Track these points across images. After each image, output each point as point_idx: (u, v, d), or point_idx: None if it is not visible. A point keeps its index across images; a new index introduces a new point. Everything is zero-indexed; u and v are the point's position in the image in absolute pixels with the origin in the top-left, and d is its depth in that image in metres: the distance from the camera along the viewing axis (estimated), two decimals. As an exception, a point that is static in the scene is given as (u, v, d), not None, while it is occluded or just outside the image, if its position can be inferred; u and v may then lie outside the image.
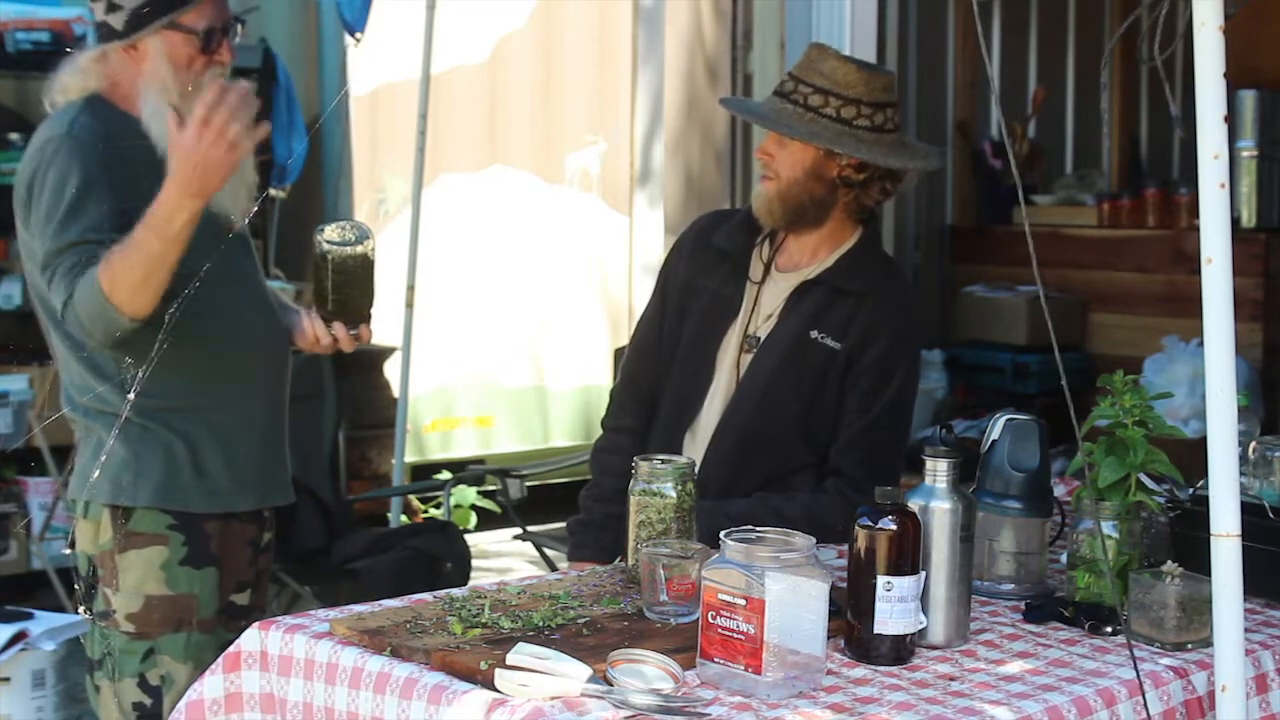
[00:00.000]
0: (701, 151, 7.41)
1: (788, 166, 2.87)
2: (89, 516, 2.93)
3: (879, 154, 2.82)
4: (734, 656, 1.98)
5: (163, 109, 2.87)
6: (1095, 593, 2.38)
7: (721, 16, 7.36)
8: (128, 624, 2.90)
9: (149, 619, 2.90)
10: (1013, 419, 2.55)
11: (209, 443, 2.94)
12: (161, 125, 2.86)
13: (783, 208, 2.89)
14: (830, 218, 2.92)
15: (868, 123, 2.83)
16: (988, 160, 7.01)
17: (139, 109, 2.94)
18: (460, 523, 6.37)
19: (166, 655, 2.91)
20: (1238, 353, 2.02)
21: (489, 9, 7.01)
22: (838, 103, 2.82)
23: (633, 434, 3.05)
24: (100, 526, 2.92)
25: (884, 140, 2.84)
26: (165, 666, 2.90)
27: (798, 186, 2.87)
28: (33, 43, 5.69)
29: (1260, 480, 2.57)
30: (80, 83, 2.96)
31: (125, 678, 2.92)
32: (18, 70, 5.93)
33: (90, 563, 2.95)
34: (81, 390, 2.93)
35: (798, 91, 2.85)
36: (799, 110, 2.84)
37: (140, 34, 2.91)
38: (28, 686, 4.12)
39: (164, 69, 2.92)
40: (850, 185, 2.88)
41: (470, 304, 7.02)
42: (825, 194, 2.88)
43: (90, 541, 2.94)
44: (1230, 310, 1.94)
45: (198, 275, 2.72)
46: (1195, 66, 1.92)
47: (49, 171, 2.83)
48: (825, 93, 2.83)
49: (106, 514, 2.91)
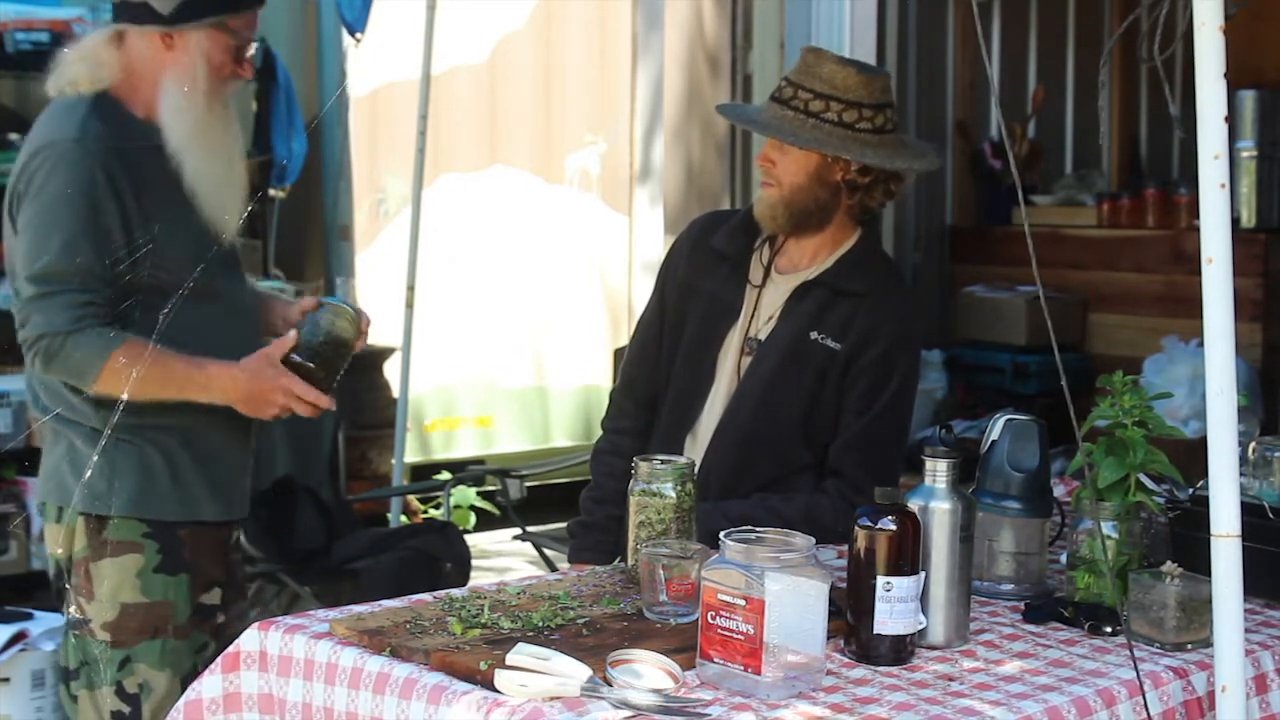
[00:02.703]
0: (702, 147, 7.40)
1: (790, 173, 2.86)
2: (60, 521, 2.90)
3: (883, 157, 2.82)
4: (733, 657, 1.98)
5: (186, 108, 2.83)
6: (1095, 593, 2.38)
7: (722, 13, 7.36)
8: (103, 633, 2.87)
9: (125, 627, 2.87)
10: (1012, 419, 2.54)
11: (183, 453, 2.91)
12: (182, 123, 2.83)
13: (787, 213, 2.88)
14: (833, 221, 2.91)
15: (870, 125, 2.82)
16: (988, 160, 7.01)
17: (154, 106, 2.86)
18: (460, 523, 6.37)
19: (143, 663, 2.88)
20: (1238, 353, 2.02)
21: (489, 9, 7.01)
22: (839, 107, 2.81)
23: (633, 435, 3.05)
24: (74, 532, 2.89)
25: (886, 142, 2.84)
26: (142, 674, 2.87)
27: (802, 192, 2.86)
28: (33, 43, 5.69)
29: (1260, 480, 2.57)
30: (91, 73, 2.85)
31: (103, 686, 2.87)
32: (18, 70, 5.92)
33: (59, 567, 2.92)
34: (52, 398, 2.89)
35: (797, 97, 2.84)
36: (800, 116, 2.83)
37: (189, 25, 2.82)
38: (27, 686, 4.12)
39: (200, 67, 2.84)
40: (855, 189, 2.87)
41: (470, 304, 7.02)
42: (829, 198, 2.88)
43: (62, 546, 2.90)
44: (1230, 310, 1.94)
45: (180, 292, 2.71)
46: (1195, 66, 1.92)
47: (52, 179, 2.76)
48: (826, 97, 2.82)
49: (81, 521, 2.87)
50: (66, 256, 2.73)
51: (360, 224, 6.73)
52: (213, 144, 2.89)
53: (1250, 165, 6.05)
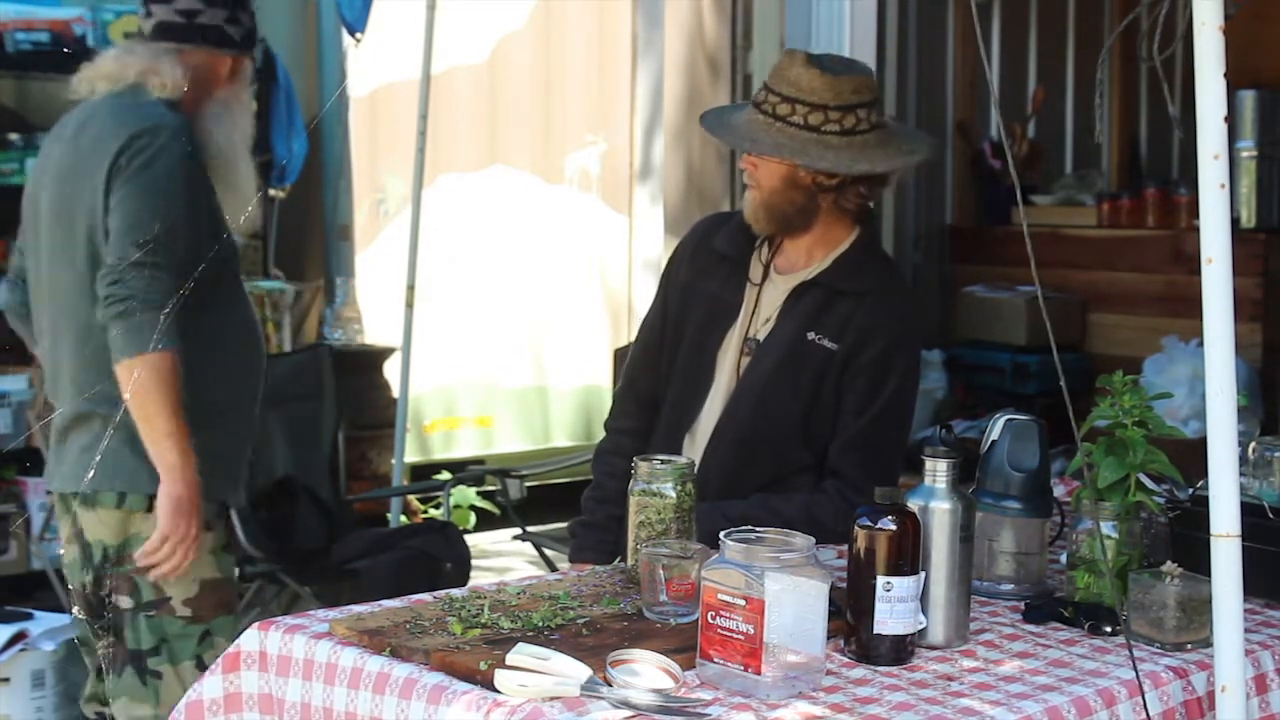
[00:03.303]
0: (702, 147, 7.40)
1: (765, 177, 2.87)
2: (122, 506, 3.01)
3: (845, 160, 2.79)
4: (733, 656, 1.98)
5: (228, 120, 3.16)
6: (1095, 593, 2.38)
7: (722, 13, 7.36)
8: (184, 609, 3.06)
9: (205, 602, 3.07)
10: (1012, 419, 2.54)
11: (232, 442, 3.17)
12: (224, 131, 3.15)
13: (767, 216, 2.90)
14: (818, 221, 2.91)
15: (837, 128, 2.81)
16: (987, 160, 7.01)
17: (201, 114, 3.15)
18: (460, 523, 6.37)
19: (220, 637, 3.08)
20: (1238, 353, 2.01)
21: (489, 9, 7.01)
22: (804, 110, 2.80)
23: (635, 435, 3.05)
24: (127, 517, 3.01)
25: (854, 144, 2.82)
26: (219, 648, 3.01)
27: (778, 196, 2.87)
28: (33, 43, 5.69)
29: (1260, 480, 2.57)
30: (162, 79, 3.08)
31: (185, 660, 3.06)
32: (18, 70, 5.92)
33: (106, 554, 3.03)
34: (84, 383, 3.02)
35: (767, 101, 2.84)
36: (768, 120, 2.83)
37: (252, 51, 3.21)
38: (27, 686, 4.12)
39: (244, 89, 3.21)
40: (826, 190, 2.87)
41: (470, 304, 7.02)
42: (805, 201, 2.88)
43: (110, 531, 3.02)
44: (1230, 310, 1.93)
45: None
46: (1195, 66, 1.92)
47: (157, 163, 2.96)
48: (792, 101, 2.81)
49: (131, 501, 2.99)
50: (169, 235, 2.95)
51: (360, 224, 6.73)
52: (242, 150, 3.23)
53: (1250, 165, 6.05)
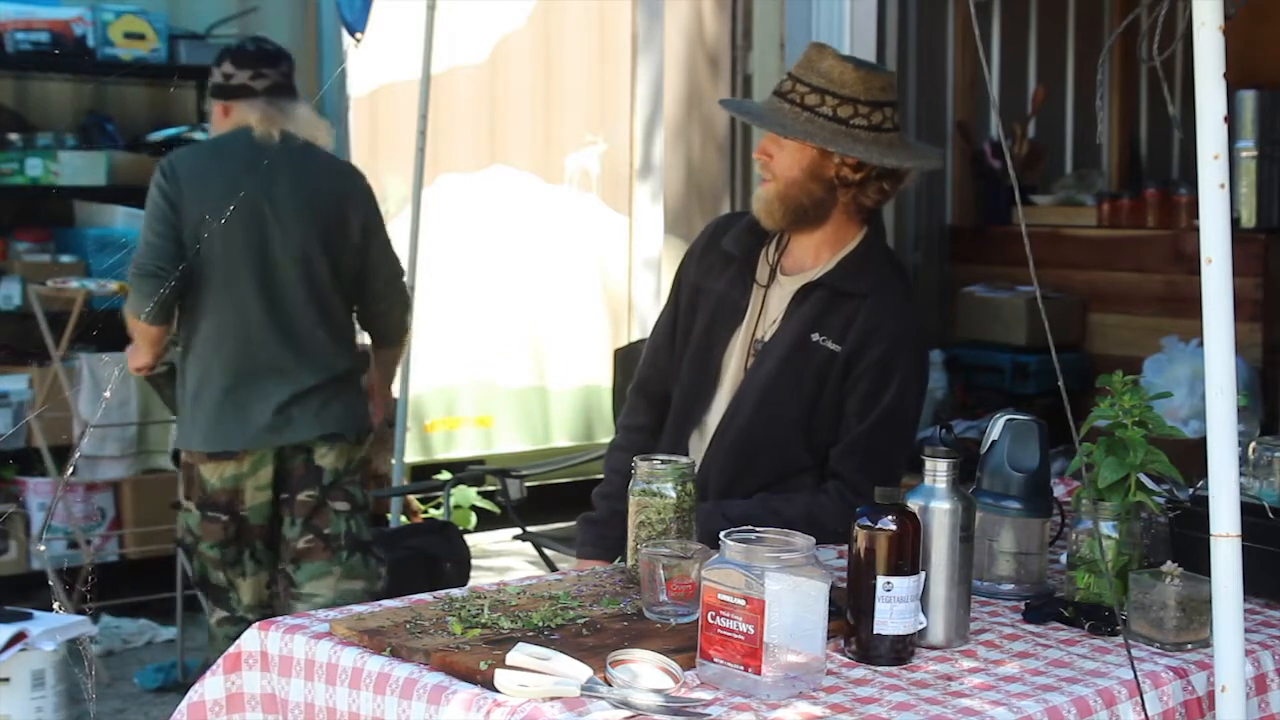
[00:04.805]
0: (702, 146, 7.40)
1: (785, 166, 2.87)
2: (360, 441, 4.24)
3: (875, 153, 2.81)
4: (733, 656, 1.98)
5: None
6: (1095, 593, 2.38)
7: (722, 13, 7.36)
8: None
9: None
10: (1012, 419, 2.54)
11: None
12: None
13: (782, 208, 2.88)
14: (830, 218, 2.91)
15: (865, 122, 2.83)
16: (987, 160, 7.01)
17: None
18: (460, 523, 6.37)
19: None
20: (1238, 353, 2.02)
21: (489, 9, 7.01)
22: (834, 102, 2.82)
23: (645, 433, 3.06)
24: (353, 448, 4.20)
25: (881, 140, 2.84)
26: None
27: (796, 187, 2.87)
28: (32, 43, 5.69)
29: (1260, 480, 2.56)
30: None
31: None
32: (17, 70, 5.92)
33: (336, 474, 4.15)
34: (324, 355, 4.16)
35: (795, 91, 2.85)
36: (795, 109, 2.84)
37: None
38: (27, 687, 4.12)
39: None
40: (848, 185, 2.87)
41: (471, 304, 7.02)
42: (824, 194, 2.88)
43: (343, 459, 4.16)
44: (1230, 310, 1.93)
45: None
46: (1195, 66, 1.92)
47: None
48: (822, 92, 2.83)
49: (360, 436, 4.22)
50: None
51: (360, 224, 6.71)
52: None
53: (1250, 165, 6.04)
